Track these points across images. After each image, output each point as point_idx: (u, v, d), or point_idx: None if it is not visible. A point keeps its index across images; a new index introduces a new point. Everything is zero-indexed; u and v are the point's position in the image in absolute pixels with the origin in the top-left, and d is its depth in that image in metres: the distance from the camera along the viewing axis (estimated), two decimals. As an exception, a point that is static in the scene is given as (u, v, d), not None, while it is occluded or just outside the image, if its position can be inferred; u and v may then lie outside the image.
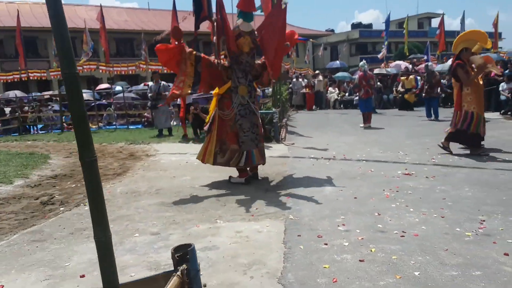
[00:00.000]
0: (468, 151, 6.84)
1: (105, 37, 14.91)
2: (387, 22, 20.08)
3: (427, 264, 2.97)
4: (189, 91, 5.68)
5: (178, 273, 1.46)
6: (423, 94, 12.75)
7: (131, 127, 13.63)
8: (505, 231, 3.52)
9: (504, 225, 3.65)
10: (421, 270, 2.87)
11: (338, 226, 3.80)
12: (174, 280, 1.44)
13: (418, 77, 17.49)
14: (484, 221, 3.78)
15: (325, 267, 2.97)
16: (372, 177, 5.59)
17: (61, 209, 4.90)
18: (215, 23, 5.50)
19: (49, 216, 4.64)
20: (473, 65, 6.68)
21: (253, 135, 5.56)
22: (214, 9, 5.71)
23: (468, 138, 6.72)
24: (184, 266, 1.49)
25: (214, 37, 5.62)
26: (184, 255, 1.51)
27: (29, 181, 6.49)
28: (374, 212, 4.11)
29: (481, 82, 6.83)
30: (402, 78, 16.42)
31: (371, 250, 3.22)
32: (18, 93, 16.72)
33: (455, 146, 7.01)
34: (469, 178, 5.34)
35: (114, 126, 13.81)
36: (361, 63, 11.72)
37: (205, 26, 6.38)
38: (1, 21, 26.87)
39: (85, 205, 4.98)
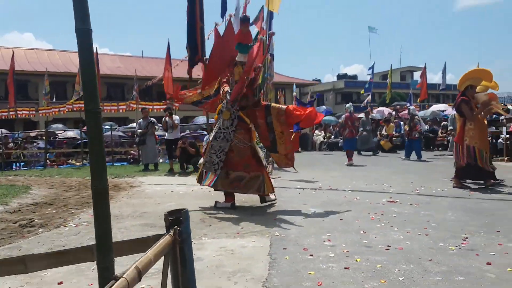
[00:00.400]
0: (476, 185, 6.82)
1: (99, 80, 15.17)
2: (372, 69, 20.99)
3: (411, 271, 2.95)
4: (194, 99, 6.01)
5: (171, 232, 1.47)
6: (406, 137, 13.10)
7: (116, 164, 13.53)
8: (488, 246, 3.55)
9: (487, 241, 3.68)
10: (405, 276, 2.85)
11: (324, 241, 3.77)
12: (166, 239, 1.44)
13: (402, 122, 18.05)
14: (467, 238, 3.81)
15: (310, 273, 2.93)
16: (357, 204, 5.61)
17: (40, 230, 4.76)
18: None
19: (27, 236, 4.51)
20: (478, 104, 6.75)
21: (216, 159, 5.59)
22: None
23: (479, 171, 6.66)
24: (176, 227, 1.50)
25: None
26: (177, 218, 1.52)
27: (9, 207, 6.32)
28: (359, 231, 4.11)
29: (485, 122, 6.89)
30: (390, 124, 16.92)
31: (356, 260, 3.20)
32: (4, 131, 16.64)
33: (439, 178, 7.12)
34: (452, 205, 5.41)
35: (100, 164, 13.64)
36: (348, 104, 12.19)
37: (195, 73, 6.66)
38: (-6, 64, 27.17)
39: (65, 226, 4.86)
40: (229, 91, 5.67)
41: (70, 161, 14.55)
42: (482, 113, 6.75)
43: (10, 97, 16.03)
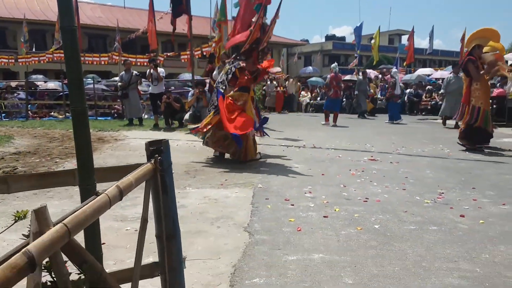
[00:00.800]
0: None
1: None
2: (360, 29, 20.73)
3: (387, 221, 3.09)
4: None
5: (152, 161, 1.48)
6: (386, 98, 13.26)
7: (100, 118, 13.34)
8: (462, 201, 3.71)
9: (462, 197, 3.84)
10: (381, 225, 2.99)
11: (305, 193, 3.89)
12: (146, 166, 1.44)
13: (386, 85, 18.14)
14: (443, 193, 3.97)
15: (290, 220, 3.04)
16: (339, 161, 5.74)
17: (24, 177, 4.75)
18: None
19: (11, 183, 4.50)
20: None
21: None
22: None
23: (476, 134, 6.69)
24: (157, 156, 1.50)
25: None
26: (158, 148, 1.52)
27: (-9, 156, 6.26)
28: (340, 185, 4.24)
29: (489, 82, 6.82)
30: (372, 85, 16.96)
31: (335, 210, 3.32)
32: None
33: (422, 140, 7.25)
34: (431, 164, 5.58)
35: (83, 117, 13.44)
36: (333, 64, 12.08)
37: (180, 28, 6.49)
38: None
39: (49, 174, 4.85)
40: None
41: (52, 113, 14.27)
42: (489, 73, 6.69)
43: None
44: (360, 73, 15.11)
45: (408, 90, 16.94)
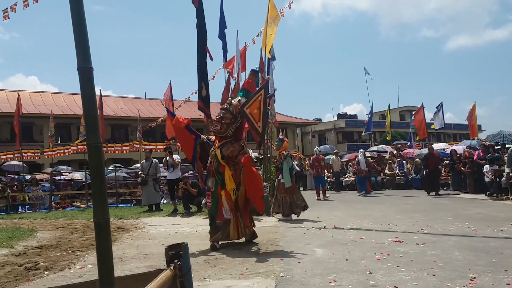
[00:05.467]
0: None
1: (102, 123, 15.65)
2: (371, 111, 21.36)
3: (420, 311, 2.93)
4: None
5: (171, 267, 1.51)
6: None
7: (121, 205, 13.51)
8: (496, 286, 3.52)
9: (495, 281, 3.65)
10: (414, 316, 2.83)
11: (330, 282, 3.75)
12: (166, 273, 1.47)
13: (404, 161, 18.15)
14: (474, 277, 3.78)
15: (317, 314, 2.91)
16: (363, 244, 5.58)
17: (46, 273, 4.75)
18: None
19: (33, 279, 4.49)
20: None
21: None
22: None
23: None
24: (177, 261, 1.54)
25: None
26: (178, 252, 1.56)
27: (14, 250, 6.31)
28: (366, 271, 4.09)
29: None
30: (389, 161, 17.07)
31: (364, 301, 3.18)
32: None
33: (444, 217, 7.07)
34: (458, 244, 5.37)
35: (103, 205, 13.64)
36: (316, 148, 14.25)
37: (197, 113, 6.87)
38: (0, 107, 27.80)
39: (70, 269, 4.85)
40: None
41: (75, 203, 14.55)
42: None
43: (17, 140, 16.28)
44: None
45: (425, 165, 16.84)
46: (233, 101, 5.98)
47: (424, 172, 14.26)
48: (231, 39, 12.90)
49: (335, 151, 17.85)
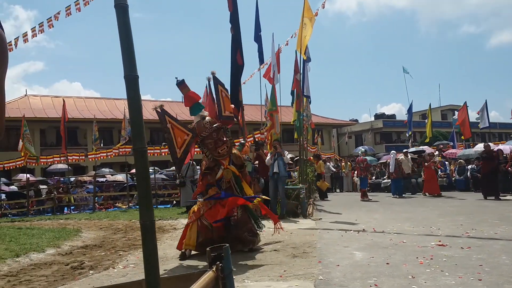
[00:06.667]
0: None
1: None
2: (410, 110, 20.72)
3: (467, 319, 2.81)
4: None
5: (213, 268, 1.53)
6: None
7: (160, 206, 13.86)
8: (550, 293, 3.32)
9: (549, 288, 3.44)
10: (460, 324, 2.72)
11: (371, 286, 3.68)
12: (208, 274, 1.50)
13: (446, 162, 17.49)
14: (526, 283, 3.58)
15: (358, 318, 2.86)
16: (404, 247, 5.42)
17: (91, 272, 4.95)
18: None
19: (78, 278, 4.70)
20: None
21: None
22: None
23: None
24: (219, 263, 1.56)
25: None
26: (219, 254, 1.59)
27: (61, 250, 6.63)
28: (408, 275, 3.97)
29: None
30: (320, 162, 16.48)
31: (406, 306, 3.09)
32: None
33: (490, 220, 6.76)
34: (506, 248, 5.11)
35: (144, 206, 14.06)
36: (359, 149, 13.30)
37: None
38: (46, 113, 29.32)
39: (114, 268, 5.02)
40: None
41: (117, 204, 15.08)
42: None
43: (63, 144, 17.09)
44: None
45: (469, 166, 16.12)
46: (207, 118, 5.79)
47: (479, 174, 13.43)
48: (266, 42, 12.95)
49: (404, 150, 17.13)
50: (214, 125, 5.63)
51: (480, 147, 20.36)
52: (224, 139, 5.63)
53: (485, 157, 12.49)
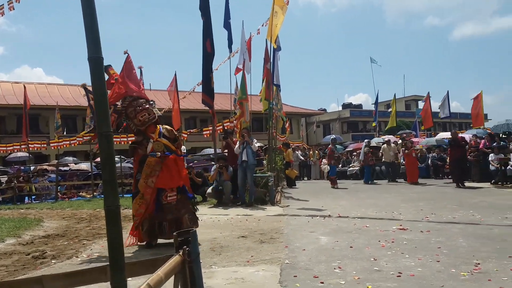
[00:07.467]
0: None
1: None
2: (376, 100, 21.21)
3: (424, 297, 2.95)
4: None
5: (180, 253, 1.53)
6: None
7: (126, 195, 13.58)
8: (500, 271, 3.53)
9: (499, 267, 3.66)
10: (418, 302, 2.85)
11: (335, 269, 3.78)
12: (175, 258, 1.49)
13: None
14: (479, 263, 3.79)
15: (321, 299, 2.94)
16: (367, 231, 5.60)
17: (53, 261, 4.81)
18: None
19: (40, 268, 4.55)
20: None
21: None
22: None
23: None
24: (185, 247, 1.55)
25: None
26: (186, 239, 1.58)
27: (21, 239, 6.39)
28: (370, 258, 4.11)
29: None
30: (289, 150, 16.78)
31: (368, 287, 3.20)
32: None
33: (449, 205, 7.07)
34: (463, 232, 5.38)
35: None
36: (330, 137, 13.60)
37: (202, 105, 6.61)
38: (6, 99, 27.95)
39: (77, 257, 4.91)
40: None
41: (81, 193, 14.67)
42: None
43: (24, 132, 16.39)
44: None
45: (431, 154, 16.76)
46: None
47: (448, 160, 13.55)
48: (236, 30, 12.71)
49: (387, 139, 17.44)
50: (134, 94, 5.55)
51: (442, 135, 21.21)
52: (146, 106, 5.51)
53: (453, 145, 12.45)
